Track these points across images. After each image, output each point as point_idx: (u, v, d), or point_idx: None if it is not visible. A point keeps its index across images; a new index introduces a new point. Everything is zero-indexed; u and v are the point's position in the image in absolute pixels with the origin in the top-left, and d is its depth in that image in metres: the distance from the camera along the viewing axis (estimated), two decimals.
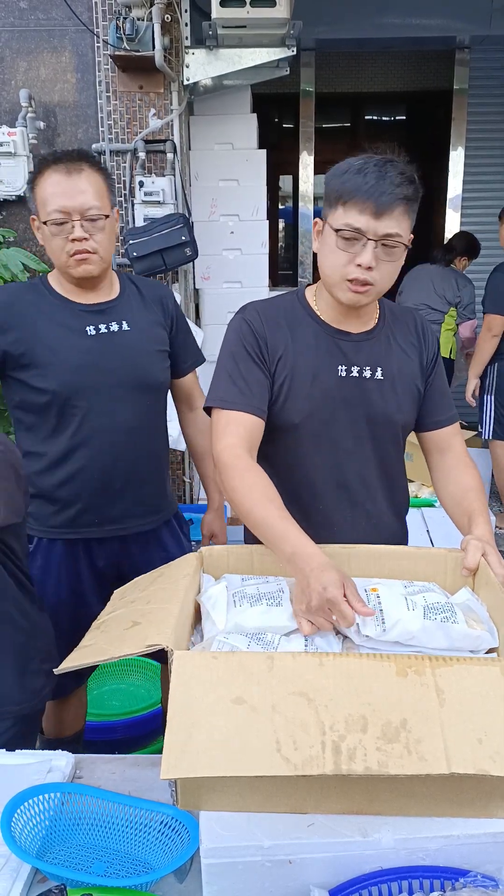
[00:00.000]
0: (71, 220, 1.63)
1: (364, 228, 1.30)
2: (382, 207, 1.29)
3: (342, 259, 1.34)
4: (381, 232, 1.30)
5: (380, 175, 1.29)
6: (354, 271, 1.33)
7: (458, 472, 1.52)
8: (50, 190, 1.63)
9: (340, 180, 1.32)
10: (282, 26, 3.28)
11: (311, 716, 0.90)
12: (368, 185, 1.29)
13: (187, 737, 0.88)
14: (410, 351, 1.51)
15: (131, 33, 3.30)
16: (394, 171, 1.31)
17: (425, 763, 0.86)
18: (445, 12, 4.84)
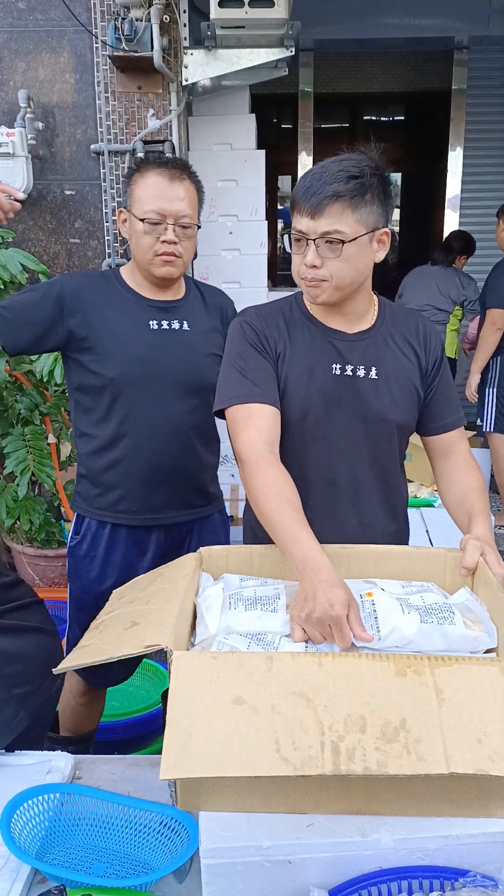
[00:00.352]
0: (165, 222, 1.72)
1: (305, 230, 1.36)
2: (314, 207, 1.33)
3: (297, 261, 1.40)
4: (320, 231, 1.34)
5: (316, 177, 1.34)
6: (304, 271, 1.39)
7: (462, 473, 1.53)
8: (152, 190, 1.73)
9: (295, 187, 1.39)
10: (280, 27, 3.29)
11: (311, 716, 0.90)
12: (304, 188, 1.35)
13: (187, 737, 0.88)
14: (409, 352, 1.51)
15: (130, 34, 3.30)
16: (334, 168, 1.34)
17: (424, 763, 0.86)
18: (444, 13, 4.85)
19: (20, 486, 3.01)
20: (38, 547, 3.27)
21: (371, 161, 1.37)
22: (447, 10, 4.83)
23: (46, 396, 3.18)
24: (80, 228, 3.84)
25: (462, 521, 1.46)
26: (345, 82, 6.67)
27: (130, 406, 1.79)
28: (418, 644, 1.12)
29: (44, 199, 3.80)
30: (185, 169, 1.78)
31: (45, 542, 3.26)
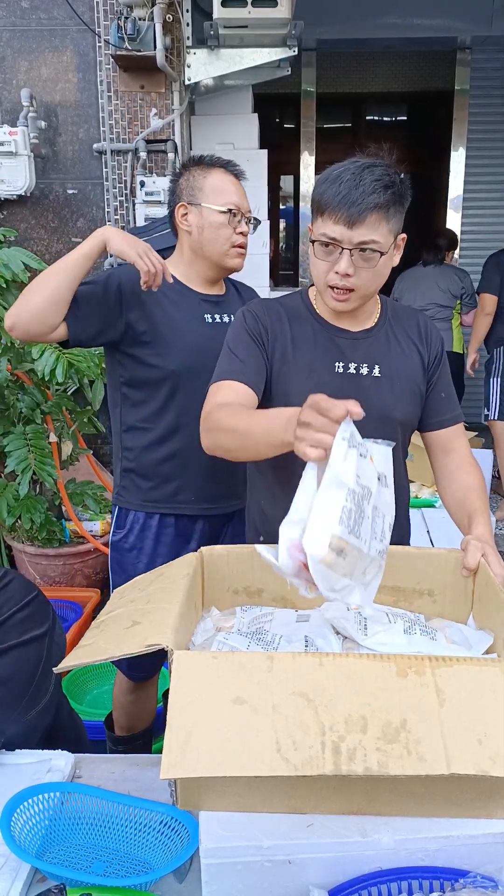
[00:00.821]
0: (242, 215, 1.83)
1: (339, 238, 1.33)
2: (354, 217, 1.31)
3: (323, 267, 1.38)
4: (356, 241, 1.33)
5: (353, 184, 1.31)
6: (333, 278, 1.37)
7: (462, 472, 1.53)
8: (229, 185, 1.84)
9: (320, 189, 1.35)
10: (283, 26, 3.29)
11: (311, 716, 0.89)
12: (341, 195, 1.31)
13: (187, 737, 0.88)
14: (411, 350, 1.52)
15: (133, 33, 3.31)
16: (370, 177, 1.32)
17: (425, 763, 0.86)
18: (447, 13, 4.85)
19: (21, 484, 3.01)
20: (39, 546, 3.27)
21: (395, 169, 1.38)
22: (450, 10, 4.83)
23: (48, 395, 3.19)
24: (83, 227, 3.84)
25: (462, 521, 1.46)
26: (347, 82, 6.67)
27: (189, 398, 1.81)
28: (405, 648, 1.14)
29: (46, 197, 3.80)
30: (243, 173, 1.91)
31: (45, 541, 3.26)
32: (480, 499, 1.46)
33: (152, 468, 1.88)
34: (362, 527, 1.00)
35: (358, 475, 0.99)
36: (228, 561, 1.37)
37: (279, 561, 1.00)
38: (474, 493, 1.47)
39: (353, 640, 1.17)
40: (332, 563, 0.95)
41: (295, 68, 4.45)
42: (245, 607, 1.34)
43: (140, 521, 1.91)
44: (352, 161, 1.36)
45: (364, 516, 1.00)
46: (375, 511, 1.04)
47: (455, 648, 1.16)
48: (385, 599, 1.35)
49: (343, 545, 0.96)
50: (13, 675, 1.38)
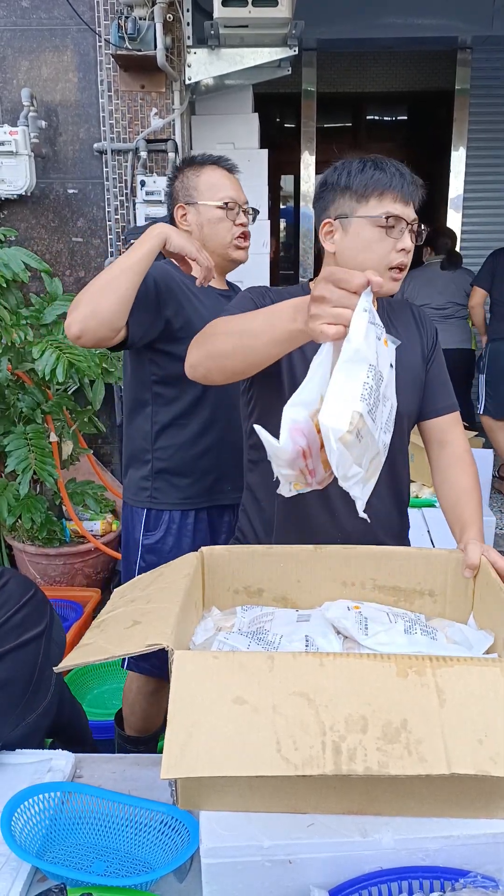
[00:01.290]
0: (239, 206, 1.88)
1: (402, 215, 1.39)
2: (409, 196, 1.39)
3: (385, 248, 1.39)
4: (412, 217, 1.40)
5: (397, 169, 1.40)
6: (398, 257, 1.40)
7: (455, 471, 1.51)
8: (221, 181, 1.88)
9: (366, 176, 1.39)
10: (283, 26, 3.29)
11: (312, 716, 0.89)
12: (395, 177, 1.38)
13: (187, 736, 0.88)
14: (411, 340, 1.53)
15: (133, 33, 3.31)
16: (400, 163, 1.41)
17: (426, 764, 0.86)
18: (447, 12, 4.85)
19: (22, 484, 3.01)
20: (40, 545, 3.27)
21: None
22: (450, 9, 4.83)
23: (48, 395, 3.19)
24: (83, 227, 3.84)
25: (454, 528, 1.46)
26: (348, 82, 6.67)
27: (222, 390, 1.78)
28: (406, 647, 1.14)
29: (46, 197, 3.80)
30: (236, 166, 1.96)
31: (46, 541, 3.26)
32: (471, 504, 1.45)
33: (190, 464, 1.89)
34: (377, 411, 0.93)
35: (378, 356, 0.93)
36: (229, 560, 1.37)
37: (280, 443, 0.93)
38: (466, 496, 1.46)
39: (354, 640, 1.17)
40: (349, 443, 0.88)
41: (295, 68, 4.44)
42: (246, 607, 1.34)
43: (176, 521, 1.92)
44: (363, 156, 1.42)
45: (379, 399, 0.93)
46: (385, 399, 0.98)
47: (456, 648, 1.16)
48: (386, 599, 1.35)
49: (362, 425, 0.89)
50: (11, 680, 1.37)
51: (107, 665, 2.50)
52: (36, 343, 2.88)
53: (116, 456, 4.08)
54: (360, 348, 0.89)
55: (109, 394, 3.75)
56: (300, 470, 0.94)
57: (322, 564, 1.35)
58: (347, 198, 1.41)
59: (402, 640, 1.15)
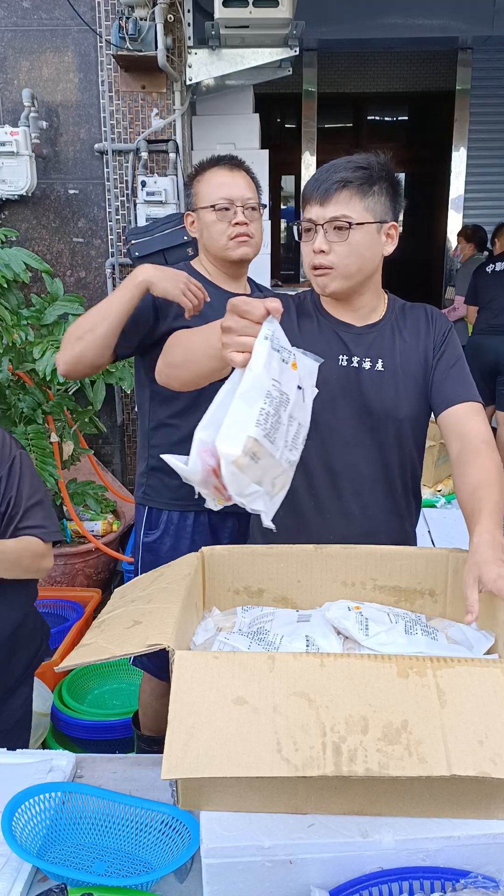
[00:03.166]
0: (234, 206, 1.83)
1: (314, 217, 1.40)
2: (324, 194, 1.38)
3: (306, 251, 1.43)
4: (328, 216, 1.38)
5: (324, 170, 1.40)
6: (313, 258, 1.42)
7: (472, 465, 1.38)
8: (216, 183, 1.84)
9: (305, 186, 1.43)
10: (284, 26, 3.29)
11: (312, 716, 0.90)
12: (314, 180, 1.41)
13: (188, 737, 0.88)
14: (418, 342, 1.51)
15: (134, 33, 3.31)
16: (343, 161, 1.40)
17: (426, 765, 0.86)
18: (448, 13, 4.85)
19: None
20: None
21: (379, 159, 1.43)
22: (451, 10, 4.84)
23: (49, 395, 3.19)
24: (84, 227, 3.85)
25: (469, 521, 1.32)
26: (348, 82, 6.67)
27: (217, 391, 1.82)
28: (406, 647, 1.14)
29: (47, 198, 3.80)
30: (241, 163, 1.91)
31: None
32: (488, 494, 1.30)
33: None
34: (278, 433, 0.98)
35: (278, 380, 0.97)
36: (229, 561, 1.37)
37: (189, 465, 0.97)
38: (482, 488, 1.32)
39: (355, 641, 1.17)
40: (243, 466, 0.93)
41: (296, 68, 4.45)
42: (246, 607, 1.34)
43: (175, 522, 1.92)
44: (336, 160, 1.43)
45: (280, 422, 0.98)
46: (291, 420, 1.02)
47: (456, 649, 1.16)
48: (386, 599, 1.35)
49: (257, 448, 0.94)
50: None
51: (107, 665, 2.50)
52: (37, 343, 2.88)
53: (117, 456, 4.08)
54: (259, 375, 0.95)
55: (110, 394, 3.75)
56: (214, 487, 0.99)
57: (322, 564, 1.35)
58: None
59: (402, 640, 1.15)
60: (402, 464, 1.55)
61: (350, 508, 1.51)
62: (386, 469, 1.52)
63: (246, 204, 1.85)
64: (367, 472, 1.50)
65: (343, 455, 1.49)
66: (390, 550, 1.37)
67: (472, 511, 1.28)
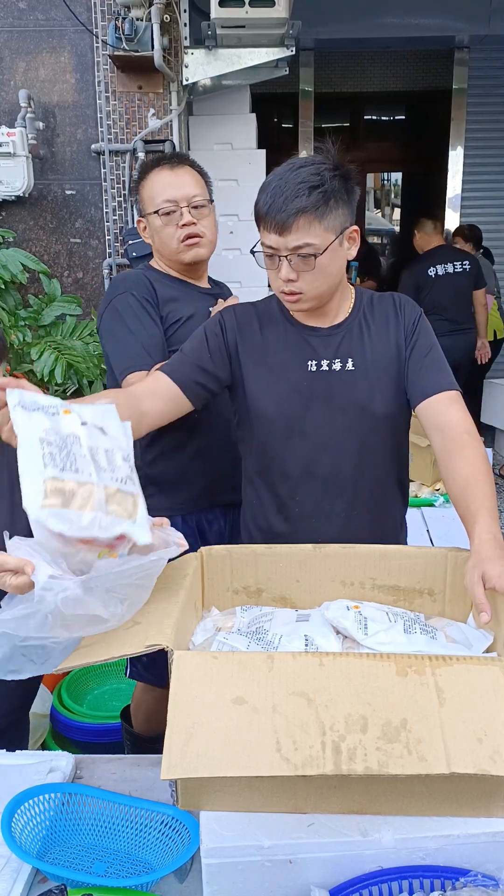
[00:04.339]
0: (179, 207, 1.76)
1: (275, 246, 1.35)
2: (282, 225, 1.32)
3: (272, 276, 1.41)
4: (290, 246, 1.34)
5: (277, 192, 1.32)
6: (281, 285, 1.39)
7: (458, 459, 1.36)
8: (158, 185, 1.78)
9: (257, 199, 1.37)
10: (281, 26, 3.29)
11: (311, 716, 0.90)
12: (268, 204, 1.33)
13: (188, 737, 0.88)
14: (387, 334, 1.48)
15: (130, 33, 3.31)
16: (294, 181, 1.31)
17: (425, 763, 0.86)
18: (444, 12, 4.85)
19: None
20: None
21: (327, 162, 1.36)
22: (447, 9, 4.84)
23: None
24: (81, 228, 3.84)
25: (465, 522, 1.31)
26: (345, 82, 6.67)
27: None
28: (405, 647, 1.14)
29: (44, 198, 3.80)
30: (184, 158, 1.83)
31: None
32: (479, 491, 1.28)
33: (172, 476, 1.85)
34: (78, 462, 0.99)
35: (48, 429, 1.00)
36: (228, 560, 1.37)
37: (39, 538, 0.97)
38: (472, 485, 1.30)
39: (354, 640, 1.17)
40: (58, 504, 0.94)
41: (293, 68, 4.45)
42: (245, 607, 1.34)
43: None
44: (285, 165, 1.36)
45: (74, 454, 1.00)
46: (94, 449, 1.03)
47: (455, 647, 1.16)
48: (385, 599, 1.35)
49: (60, 484, 0.95)
50: None
51: (106, 666, 2.50)
52: (34, 344, 2.88)
53: None
54: (25, 435, 0.98)
55: None
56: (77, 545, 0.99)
57: (321, 564, 1.35)
58: None
59: (401, 639, 1.15)
60: (385, 460, 1.53)
61: (335, 511, 1.50)
62: (368, 468, 1.50)
63: (192, 202, 1.77)
64: (349, 473, 1.49)
65: (322, 459, 1.48)
66: (389, 550, 1.37)
67: (467, 509, 1.28)
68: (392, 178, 8.63)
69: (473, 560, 1.16)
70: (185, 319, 1.79)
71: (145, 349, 1.71)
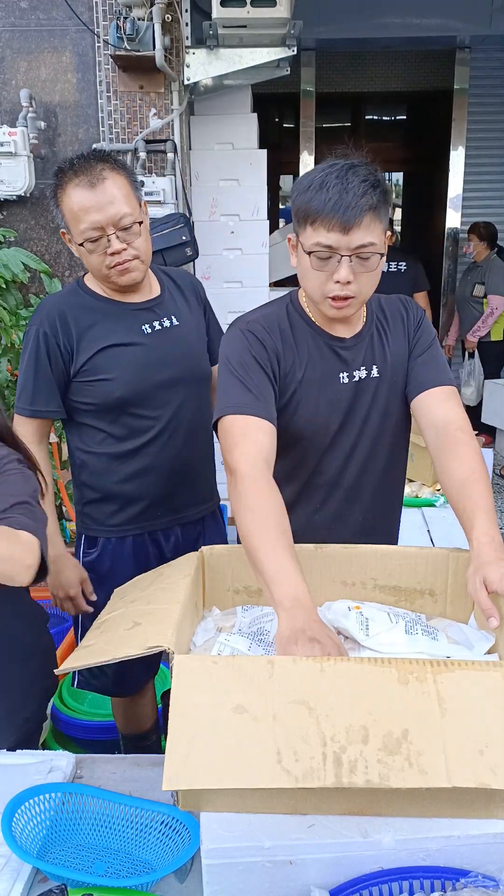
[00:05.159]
0: (105, 234, 1.59)
1: (335, 245, 1.28)
2: (349, 221, 1.26)
3: (320, 278, 1.33)
4: (354, 245, 1.28)
5: (342, 188, 1.26)
6: (334, 288, 1.32)
7: (453, 457, 1.36)
8: (77, 207, 1.58)
9: (304, 198, 1.29)
10: (282, 26, 3.28)
11: (312, 726, 0.89)
12: (332, 200, 1.26)
13: (188, 747, 0.88)
14: (401, 337, 1.49)
15: (132, 33, 3.30)
16: (356, 179, 1.27)
17: (426, 776, 0.85)
18: (446, 12, 4.84)
19: None
20: None
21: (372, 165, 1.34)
22: (449, 9, 4.83)
23: None
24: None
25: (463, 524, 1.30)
26: (346, 82, 6.67)
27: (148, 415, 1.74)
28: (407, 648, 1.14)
29: (46, 198, 3.79)
30: (102, 161, 1.60)
31: None
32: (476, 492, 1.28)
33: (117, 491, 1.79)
34: None
35: None
36: (229, 560, 1.37)
37: None
38: (468, 485, 1.29)
39: (355, 641, 1.17)
40: None
41: (294, 68, 4.44)
42: (246, 607, 1.34)
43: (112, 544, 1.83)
44: (330, 164, 1.31)
45: None
46: None
47: (457, 648, 1.16)
48: (386, 599, 1.35)
49: None
50: None
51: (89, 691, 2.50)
52: None
53: None
54: None
55: None
56: None
57: (322, 564, 1.35)
58: (296, 216, 1.32)
59: (402, 640, 1.15)
60: (402, 460, 1.56)
61: (354, 518, 1.51)
62: (386, 473, 1.53)
63: (119, 225, 1.58)
64: (371, 480, 1.50)
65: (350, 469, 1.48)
66: (390, 550, 1.37)
67: (465, 510, 1.27)
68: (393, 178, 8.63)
69: (474, 565, 1.17)
70: (101, 349, 1.69)
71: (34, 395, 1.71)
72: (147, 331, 1.74)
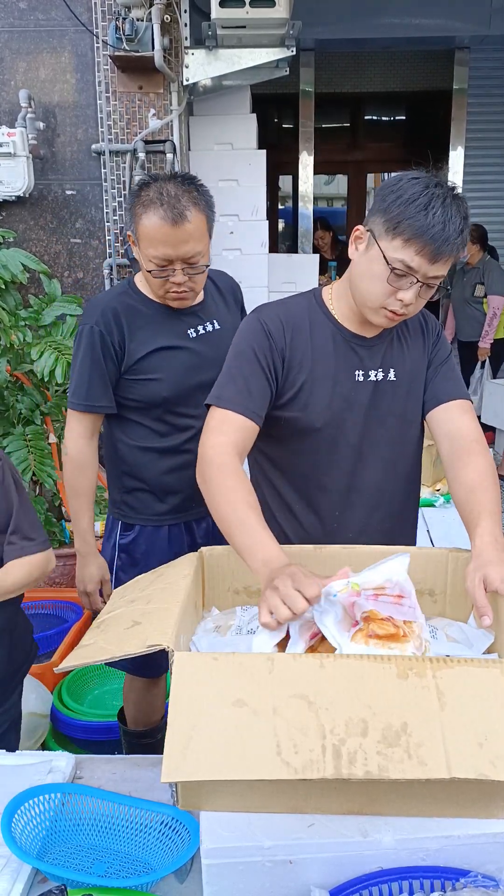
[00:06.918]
0: (172, 266, 1.68)
1: (416, 269, 1.29)
2: (440, 254, 1.27)
3: (387, 290, 1.33)
4: (431, 275, 1.30)
5: (445, 217, 1.26)
6: (395, 304, 1.33)
7: (466, 466, 1.38)
8: (152, 234, 1.64)
9: (404, 211, 1.27)
10: (281, 26, 3.29)
11: (312, 719, 0.89)
12: (435, 229, 1.25)
13: (188, 740, 0.88)
14: (420, 345, 1.51)
15: (131, 34, 3.31)
16: (458, 215, 1.27)
17: (426, 768, 0.85)
18: (445, 12, 4.85)
19: None
20: None
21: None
22: (448, 9, 4.83)
23: (47, 396, 3.19)
24: (81, 228, 3.84)
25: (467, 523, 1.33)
26: (346, 82, 6.68)
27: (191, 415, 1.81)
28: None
29: (45, 198, 3.80)
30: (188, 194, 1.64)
31: None
32: (484, 497, 1.31)
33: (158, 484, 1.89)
34: None
35: None
36: (228, 561, 1.37)
37: None
38: (477, 491, 1.33)
39: None
40: None
41: (293, 68, 4.45)
42: (245, 607, 1.34)
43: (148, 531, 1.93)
44: (434, 183, 1.29)
45: None
46: None
47: (456, 647, 1.16)
48: None
49: None
50: None
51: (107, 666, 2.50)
52: (35, 344, 2.88)
53: None
54: None
55: None
56: None
57: (322, 564, 1.34)
58: (384, 219, 1.30)
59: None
60: (417, 468, 1.57)
61: (367, 524, 1.50)
62: (402, 478, 1.53)
63: (189, 261, 1.67)
64: (386, 485, 1.50)
65: (363, 471, 1.48)
66: (390, 550, 1.37)
67: (471, 513, 1.29)
68: None
69: (475, 563, 1.17)
70: (152, 351, 1.77)
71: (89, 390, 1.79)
72: (192, 335, 1.83)
